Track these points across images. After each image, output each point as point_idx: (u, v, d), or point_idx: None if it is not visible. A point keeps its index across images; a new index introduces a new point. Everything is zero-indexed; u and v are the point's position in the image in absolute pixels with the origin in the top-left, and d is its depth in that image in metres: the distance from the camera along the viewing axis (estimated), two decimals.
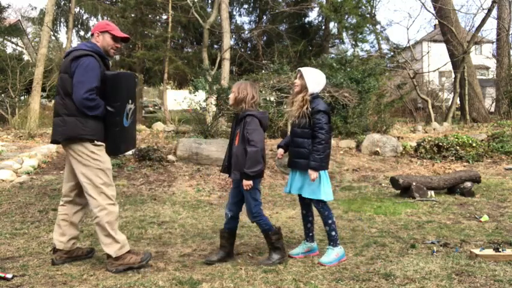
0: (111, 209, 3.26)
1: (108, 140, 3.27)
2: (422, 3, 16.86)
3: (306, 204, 3.71)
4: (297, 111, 3.53)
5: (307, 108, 3.47)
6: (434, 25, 28.13)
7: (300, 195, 3.67)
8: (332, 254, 3.47)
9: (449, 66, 17.47)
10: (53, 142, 3.38)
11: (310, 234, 3.74)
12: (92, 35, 3.44)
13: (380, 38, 20.63)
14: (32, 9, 36.69)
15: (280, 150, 3.78)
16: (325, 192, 3.50)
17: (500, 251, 3.46)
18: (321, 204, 3.53)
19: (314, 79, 3.56)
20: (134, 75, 3.63)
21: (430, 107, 16.41)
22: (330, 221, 3.55)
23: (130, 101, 3.38)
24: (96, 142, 3.24)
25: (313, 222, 3.79)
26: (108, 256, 3.27)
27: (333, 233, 3.55)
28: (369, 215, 5.26)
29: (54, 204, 5.67)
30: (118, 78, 3.29)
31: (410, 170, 8.08)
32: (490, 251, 3.49)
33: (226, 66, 14.45)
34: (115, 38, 3.42)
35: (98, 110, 3.17)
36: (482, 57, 28.60)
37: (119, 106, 3.24)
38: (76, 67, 3.16)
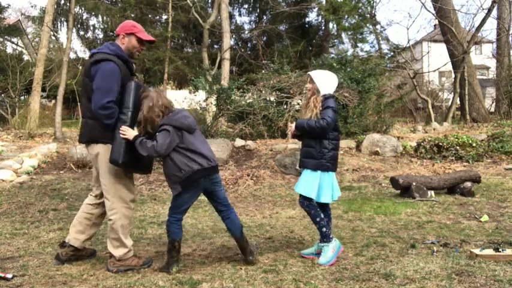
0: (125, 213, 3.25)
1: (113, 147, 3.13)
2: (422, 3, 16.79)
3: (319, 204, 3.68)
4: (310, 113, 3.53)
5: (319, 109, 3.48)
6: (434, 25, 28.09)
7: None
8: (328, 252, 3.46)
9: (449, 66, 17.46)
10: (79, 142, 3.42)
11: None
12: (117, 36, 3.35)
13: (380, 38, 20.58)
14: (32, 6, 36.60)
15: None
16: (304, 186, 3.50)
17: (500, 251, 3.46)
18: (306, 203, 3.54)
19: (324, 81, 3.59)
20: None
21: (430, 107, 16.41)
22: (317, 219, 3.54)
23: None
24: None
25: (329, 224, 3.74)
26: (111, 256, 3.27)
27: (324, 229, 3.53)
28: (369, 215, 5.25)
29: (54, 204, 5.68)
30: (135, 87, 3.21)
31: (410, 170, 8.08)
32: (490, 251, 3.49)
33: (226, 66, 14.46)
34: (141, 41, 3.36)
35: (111, 120, 3.12)
36: (482, 57, 28.58)
37: (132, 115, 3.17)
38: (96, 72, 3.12)
